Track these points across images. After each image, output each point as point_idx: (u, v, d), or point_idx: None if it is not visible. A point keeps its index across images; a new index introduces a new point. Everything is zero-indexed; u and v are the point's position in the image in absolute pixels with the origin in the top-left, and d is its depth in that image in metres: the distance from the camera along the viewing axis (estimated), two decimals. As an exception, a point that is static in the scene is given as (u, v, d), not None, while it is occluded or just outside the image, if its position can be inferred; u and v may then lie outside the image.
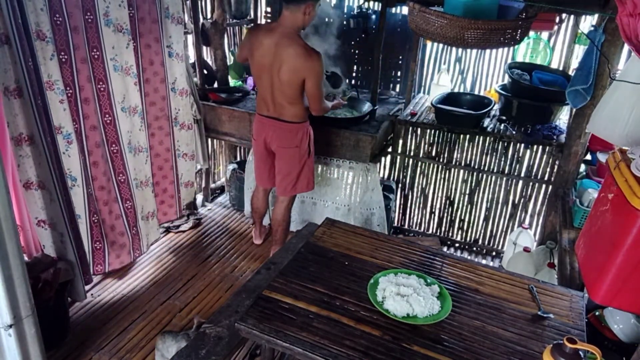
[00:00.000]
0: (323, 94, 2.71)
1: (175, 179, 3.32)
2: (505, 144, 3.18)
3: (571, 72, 3.12)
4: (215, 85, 3.69)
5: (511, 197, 3.34)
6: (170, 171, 3.27)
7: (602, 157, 2.49)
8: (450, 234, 3.66)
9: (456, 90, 3.54)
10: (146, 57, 2.86)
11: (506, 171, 3.26)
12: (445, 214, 3.60)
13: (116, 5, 2.56)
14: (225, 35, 3.68)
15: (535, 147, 3.09)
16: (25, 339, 1.86)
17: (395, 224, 3.77)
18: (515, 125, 3.11)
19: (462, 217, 3.56)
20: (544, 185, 3.19)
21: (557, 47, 3.25)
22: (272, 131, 2.83)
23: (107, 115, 2.69)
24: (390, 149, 3.50)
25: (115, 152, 2.79)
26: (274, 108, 2.76)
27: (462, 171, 3.41)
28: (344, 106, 3.38)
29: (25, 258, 2.33)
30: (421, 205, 3.65)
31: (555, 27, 3.10)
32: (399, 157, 3.52)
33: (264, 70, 2.68)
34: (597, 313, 2.00)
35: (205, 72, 3.58)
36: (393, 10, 3.51)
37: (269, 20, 3.86)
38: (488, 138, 3.19)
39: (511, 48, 3.32)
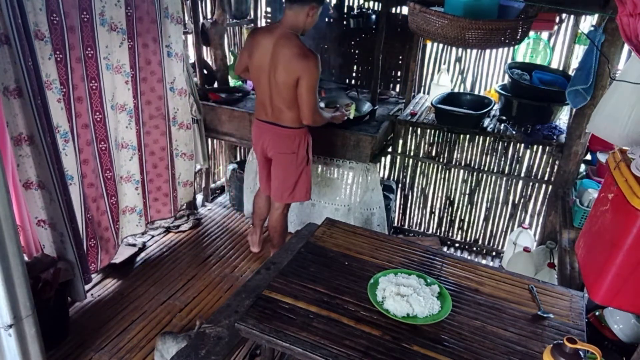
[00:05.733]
0: (317, 101, 2.62)
1: (170, 178, 3.30)
2: (505, 144, 3.18)
3: (571, 72, 3.11)
4: (215, 85, 3.69)
5: (511, 197, 3.34)
6: (165, 170, 3.25)
7: (602, 157, 2.49)
8: (450, 234, 3.66)
9: (456, 90, 3.54)
10: (143, 56, 2.86)
11: (506, 171, 3.26)
12: (445, 214, 3.60)
13: (112, 5, 2.55)
14: (225, 35, 3.68)
15: (535, 147, 3.09)
16: (25, 339, 1.87)
17: (395, 224, 3.77)
18: (515, 125, 3.10)
19: (462, 217, 3.56)
20: (544, 185, 3.19)
21: (557, 47, 3.25)
22: (269, 137, 2.77)
23: (97, 113, 2.69)
24: (390, 149, 3.50)
25: (104, 150, 2.80)
26: (272, 112, 2.70)
27: (462, 171, 3.41)
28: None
29: (25, 258, 2.33)
30: (421, 205, 3.65)
31: (555, 27, 3.10)
32: (399, 157, 3.52)
33: (262, 72, 2.63)
34: (597, 313, 2.00)
35: (205, 72, 3.58)
36: (393, 10, 3.51)
37: (269, 21, 3.86)
38: (488, 138, 3.18)
39: (511, 48, 3.32)
